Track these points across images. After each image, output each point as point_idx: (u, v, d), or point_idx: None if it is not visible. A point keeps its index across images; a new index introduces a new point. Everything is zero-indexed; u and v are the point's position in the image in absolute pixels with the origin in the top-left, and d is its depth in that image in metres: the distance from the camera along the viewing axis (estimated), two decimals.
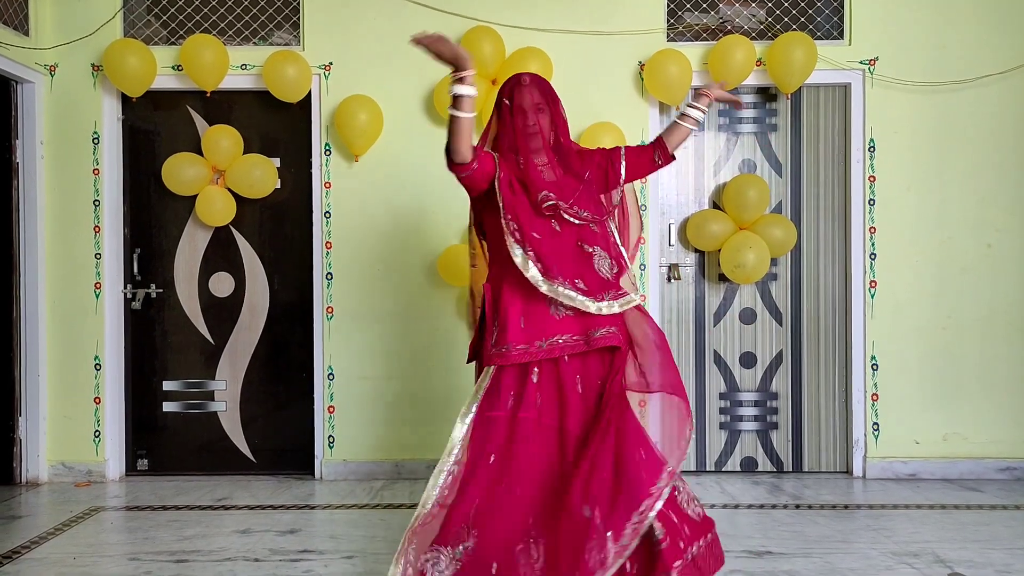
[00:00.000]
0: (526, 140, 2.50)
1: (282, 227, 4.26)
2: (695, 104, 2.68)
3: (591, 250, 2.51)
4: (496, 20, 4.05)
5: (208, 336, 4.25)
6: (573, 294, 2.41)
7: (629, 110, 4.11)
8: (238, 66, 4.11)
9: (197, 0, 4.17)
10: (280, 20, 4.19)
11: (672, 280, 4.19)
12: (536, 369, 2.45)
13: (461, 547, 2.34)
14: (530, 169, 2.49)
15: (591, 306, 2.42)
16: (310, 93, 4.12)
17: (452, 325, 4.10)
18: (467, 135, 2.36)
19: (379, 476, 4.11)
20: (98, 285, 4.14)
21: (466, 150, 2.37)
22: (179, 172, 4.02)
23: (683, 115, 2.66)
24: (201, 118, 4.22)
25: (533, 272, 2.40)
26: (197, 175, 4.03)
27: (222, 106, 4.21)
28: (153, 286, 4.24)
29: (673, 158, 2.69)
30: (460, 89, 2.31)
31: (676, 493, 2.40)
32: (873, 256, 4.13)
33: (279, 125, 4.22)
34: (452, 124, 2.34)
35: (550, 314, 2.44)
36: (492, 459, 2.41)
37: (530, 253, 2.42)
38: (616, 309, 2.46)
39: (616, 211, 2.70)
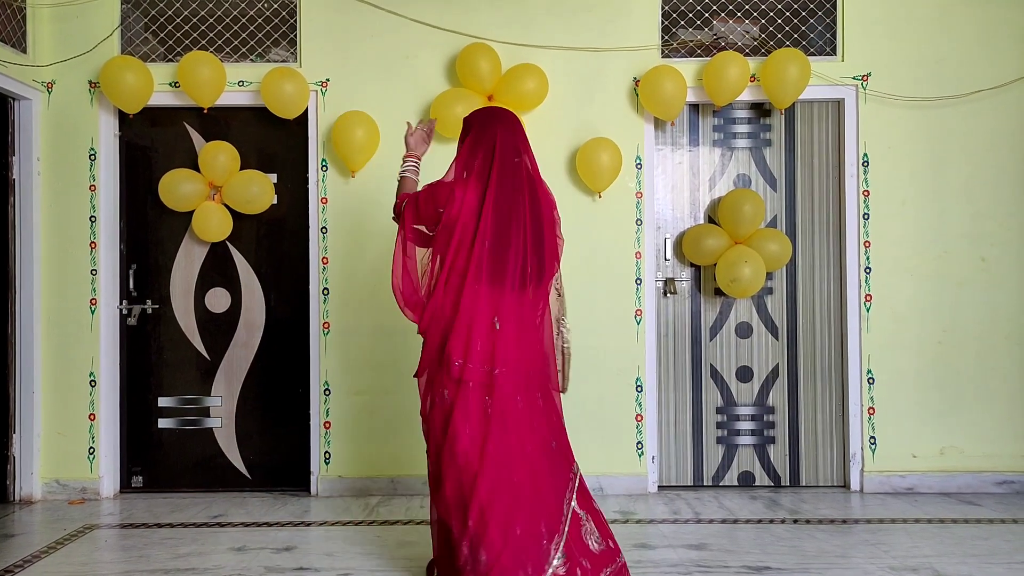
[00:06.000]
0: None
1: (279, 243, 4.26)
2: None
3: None
4: (493, 37, 4.08)
5: (204, 352, 4.24)
6: None
7: (625, 126, 4.13)
8: (235, 83, 4.13)
9: (195, 17, 4.20)
10: (277, 37, 4.22)
11: (668, 295, 4.19)
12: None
13: None
14: None
15: None
16: (307, 109, 4.13)
17: None
18: None
19: (375, 492, 4.10)
20: (94, 301, 4.13)
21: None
22: (176, 188, 4.02)
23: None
24: (198, 134, 4.23)
25: None
26: (194, 191, 4.04)
27: (219, 122, 4.22)
28: (149, 302, 4.23)
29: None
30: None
31: (580, 526, 2.59)
32: (868, 270, 4.14)
33: (276, 141, 4.23)
34: None
35: None
36: None
37: None
38: None
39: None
